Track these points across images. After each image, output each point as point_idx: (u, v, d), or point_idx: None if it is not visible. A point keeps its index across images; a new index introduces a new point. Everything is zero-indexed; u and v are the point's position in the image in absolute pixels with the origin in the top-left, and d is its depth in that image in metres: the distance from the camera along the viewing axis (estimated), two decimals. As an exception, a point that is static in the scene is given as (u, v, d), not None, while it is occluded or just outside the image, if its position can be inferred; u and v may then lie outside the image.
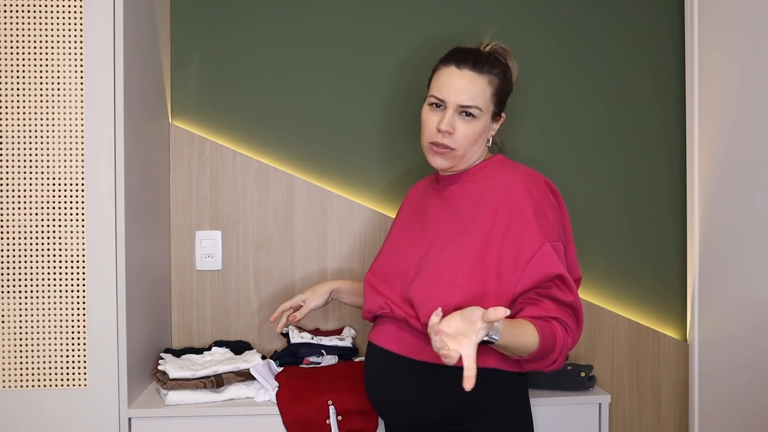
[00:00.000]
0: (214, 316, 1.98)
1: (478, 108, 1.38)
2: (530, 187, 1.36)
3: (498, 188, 1.38)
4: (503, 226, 1.32)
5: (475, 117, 1.38)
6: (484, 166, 1.45)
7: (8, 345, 1.51)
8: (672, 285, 2.09)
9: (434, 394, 1.35)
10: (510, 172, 1.41)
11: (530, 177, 1.39)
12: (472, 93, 1.37)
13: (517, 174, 1.40)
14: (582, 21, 2.08)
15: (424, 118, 1.43)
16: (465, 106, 1.38)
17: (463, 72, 1.39)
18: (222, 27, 2.00)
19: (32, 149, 1.50)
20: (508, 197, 1.35)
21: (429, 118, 1.42)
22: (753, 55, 1.72)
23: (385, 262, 1.50)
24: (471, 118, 1.38)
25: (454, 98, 1.38)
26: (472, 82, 1.38)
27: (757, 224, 1.71)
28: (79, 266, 1.52)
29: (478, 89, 1.38)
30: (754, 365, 1.71)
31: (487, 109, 1.40)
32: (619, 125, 2.09)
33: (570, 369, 1.74)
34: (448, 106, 1.38)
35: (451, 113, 1.38)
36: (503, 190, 1.37)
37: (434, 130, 1.40)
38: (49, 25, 1.50)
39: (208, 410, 1.58)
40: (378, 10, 2.03)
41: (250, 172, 1.99)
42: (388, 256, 1.50)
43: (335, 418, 1.57)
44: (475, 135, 1.40)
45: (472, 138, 1.39)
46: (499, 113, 1.45)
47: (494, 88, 1.40)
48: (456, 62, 1.40)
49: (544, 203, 1.36)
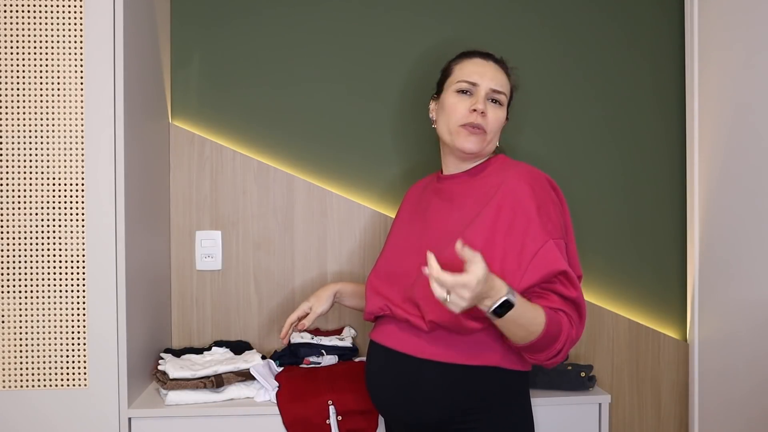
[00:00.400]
0: (214, 316, 1.98)
1: (505, 95, 1.45)
2: (533, 185, 1.37)
3: (501, 186, 1.38)
4: (506, 222, 1.33)
5: (502, 105, 1.45)
6: (487, 165, 1.46)
7: (8, 345, 1.51)
8: (672, 285, 2.09)
9: (435, 392, 1.35)
10: (512, 170, 1.41)
11: (532, 174, 1.40)
12: (501, 81, 1.45)
13: (519, 171, 1.40)
14: (582, 21, 2.08)
15: (452, 103, 1.45)
16: (495, 91, 1.44)
17: (489, 63, 1.47)
18: (222, 27, 2.00)
19: (32, 149, 1.50)
20: (511, 194, 1.36)
21: (459, 102, 1.44)
22: (753, 55, 1.72)
23: (388, 263, 1.50)
24: (498, 105, 1.45)
25: (487, 83, 1.43)
26: (499, 72, 1.46)
27: (757, 224, 1.71)
28: (79, 266, 1.52)
29: (504, 79, 1.46)
30: (754, 365, 1.71)
31: (506, 102, 1.47)
32: (619, 125, 2.09)
33: (570, 369, 1.74)
34: (480, 90, 1.43)
35: (483, 96, 1.43)
36: (506, 187, 1.37)
37: (466, 112, 1.42)
38: (49, 25, 1.50)
39: (208, 410, 1.57)
40: (379, 11, 2.03)
41: (250, 172, 1.99)
42: (391, 257, 1.51)
43: (335, 418, 1.56)
44: (501, 122, 1.46)
45: (499, 124, 1.45)
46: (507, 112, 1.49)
47: (511, 84, 1.49)
48: (480, 56, 1.48)
49: (547, 200, 1.37)
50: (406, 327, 1.39)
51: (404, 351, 1.38)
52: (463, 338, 1.33)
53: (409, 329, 1.38)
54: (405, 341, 1.39)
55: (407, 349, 1.38)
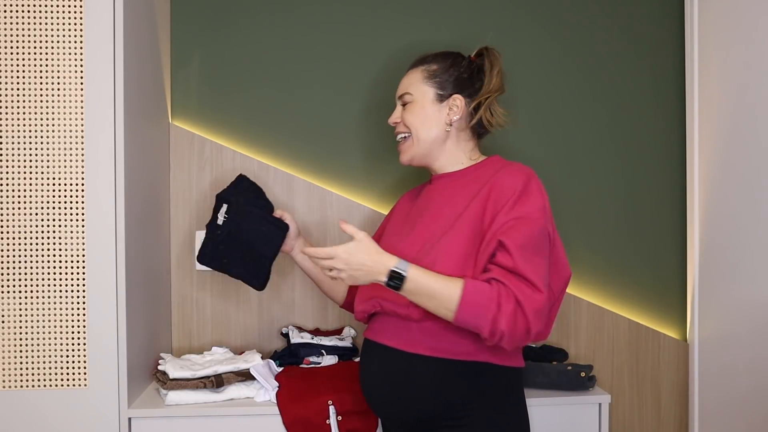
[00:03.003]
0: (214, 316, 1.98)
1: (408, 93, 1.51)
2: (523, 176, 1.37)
3: (490, 177, 1.40)
4: (490, 214, 1.34)
5: (410, 102, 1.51)
6: (480, 166, 1.47)
7: (8, 345, 1.51)
8: (672, 285, 2.09)
9: (428, 387, 1.35)
10: (507, 166, 1.42)
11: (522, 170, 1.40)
12: (405, 84, 1.53)
13: (514, 166, 1.42)
14: (582, 21, 2.08)
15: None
16: (400, 96, 1.53)
17: (407, 73, 1.55)
18: (222, 27, 2.00)
19: (32, 149, 1.50)
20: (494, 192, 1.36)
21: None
22: (753, 55, 1.72)
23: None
24: (407, 105, 1.51)
25: (398, 94, 1.55)
26: (408, 76, 1.54)
27: (757, 224, 1.71)
28: (79, 266, 1.52)
29: (411, 80, 1.52)
30: (754, 365, 1.71)
31: (422, 93, 1.49)
32: (619, 125, 2.09)
33: (570, 369, 1.74)
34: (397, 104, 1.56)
35: (397, 107, 1.55)
36: (496, 178, 1.39)
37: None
38: (49, 25, 1.50)
39: (208, 410, 1.57)
40: (379, 13, 2.03)
41: (250, 172, 1.99)
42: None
43: (335, 418, 1.57)
44: (419, 116, 1.49)
45: (415, 121, 1.49)
46: (446, 96, 1.48)
47: (428, 73, 1.50)
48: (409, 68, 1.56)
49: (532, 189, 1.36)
50: (399, 321, 1.39)
51: (396, 346, 1.39)
52: (453, 333, 1.34)
53: (402, 323, 1.39)
54: (396, 336, 1.39)
55: (398, 344, 1.38)
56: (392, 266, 1.29)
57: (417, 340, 1.36)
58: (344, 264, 1.30)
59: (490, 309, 1.25)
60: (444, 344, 1.35)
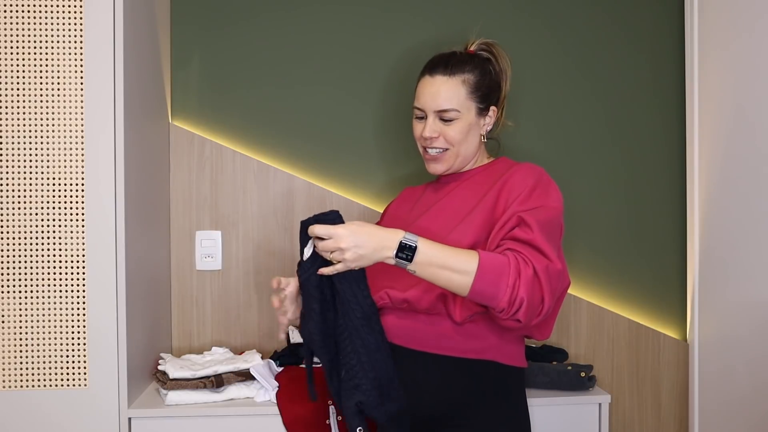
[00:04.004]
0: (214, 316, 1.98)
1: (455, 110, 1.42)
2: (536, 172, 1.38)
3: (502, 174, 1.40)
4: (502, 205, 1.34)
5: (455, 119, 1.43)
6: (488, 166, 1.48)
7: (8, 345, 1.51)
8: (672, 285, 2.09)
9: (431, 385, 1.35)
10: (517, 164, 1.43)
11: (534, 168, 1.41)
12: (446, 95, 1.42)
13: (525, 164, 1.42)
14: (582, 21, 2.07)
15: (413, 128, 1.50)
16: (441, 111, 1.42)
17: (435, 78, 1.44)
18: (222, 27, 2.00)
19: (32, 149, 1.50)
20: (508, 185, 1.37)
21: (416, 128, 1.49)
22: (753, 55, 1.72)
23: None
24: (451, 122, 1.43)
25: (430, 105, 1.43)
26: (444, 86, 1.42)
27: (757, 224, 1.71)
28: (79, 266, 1.52)
29: (451, 92, 1.42)
30: (754, 365, 1.71)
31: (467, 108, 1.43)
32: (619, 125, 2.09)
33: (570, 369, 1.74)
34: (427, 115, 1.44)
35: (431, 120, 1.44)
36: (509, 174, 1.39)
37: (420, 137, 1.47)
38: (49, 25, 1.50)
39: (208, 410, 1.57)
40: (378, 13, 2.03)
41: (250, 172, 1.99)
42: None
43: (335, 418, 1.56)
44: (462, 133, 1.44)
45: (459, 136, 1.43)
46: (486, 108, 1.46)
47: (470, 86, 1.43)
48: (428, 71, 1.47)
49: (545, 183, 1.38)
50: (405, 316, 1.39)
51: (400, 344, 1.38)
52: (459, 330, 1.33)
53: (409, 319, 1.38)
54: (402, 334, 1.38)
55: (403, 341, 1.38)
56: (400, 238, 1.22)
57: (423, 339, 1.36)
58: (348, 242, 1.21)
59: (510, 275, 1.21)
60: (451, 342, 1.34)
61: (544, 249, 1.25)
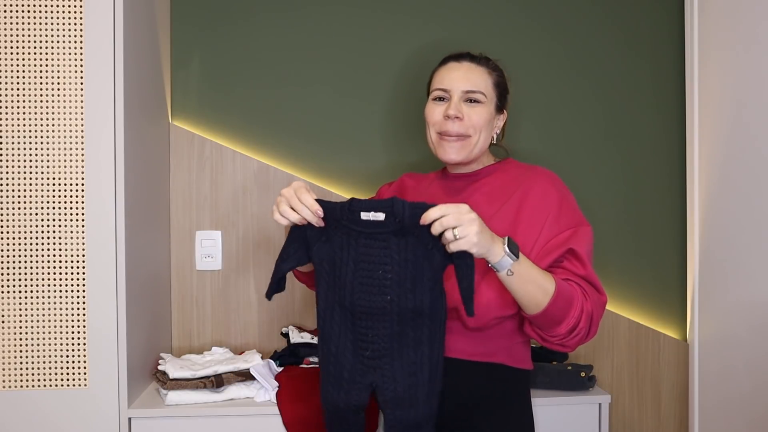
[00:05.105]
0: (214, 316, 1.98)
1: (482, 93, 1.40)
2: (554, 182, 1.39)
3: (520, 183, 1.39)
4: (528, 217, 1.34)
5: (481, 102, 1.40)
6: (497, 167, 1.46)
7: (8, 345, 1.51)
8: (672, 285, 2.09)
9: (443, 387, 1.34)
10: (531, 171, 1.42)
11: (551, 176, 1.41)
12: (475, 79, 1.40)
13: (538, 171, 1.42)
14: (582, 21, 2.08)
15: (428, 113, 1.44)
16: (469, 92, 1.39)
17: (462, 64, 1.42)
18: (222, 27, 2.00)
19: (32, 149, 1.50)
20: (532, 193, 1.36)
21: (434, 110, 1.43)
22: (753, 55, 1.72)
23: None
24: (477, 104, 1.40)
25: (458, 85, 1.40)
26: (472, 71, 1.41)
27: (756, 225, 1.71)
28: (79, 266, 1.52)
29: (479, 77, 1.41)
30: (754, 365, 1.71)
31: (491, 98, 1.42)
32: (619, 125, 2.09)
33: (570, 369, 1.74)
34: (453, 95, 1.40)
35: (457, 100, 1.39)
36: (527, 185, 1.38)
37: (441, 119, 1.41)
38: (49, 25, 1.50)
39: (208, 410, 1.57)
40: (378, 13, 2.03)
41: (250, 172, 1.99)
42: None
43: (335, 418, 1.56)
44: (485, 120, 1.40)
45: (483, 121, 1.39)
46: (501, 107, 1.46)
47: (494, 78, 1.43)
48: (454, 58, 1.45)
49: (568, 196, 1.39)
50: None
51: None
52: (469, 333, 1.33)
53: None
54: None
55: None
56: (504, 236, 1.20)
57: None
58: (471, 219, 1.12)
59: (577, 307, 1.25)
60: (460, 345, 1.34)
61: (596, 284, 1.31)
